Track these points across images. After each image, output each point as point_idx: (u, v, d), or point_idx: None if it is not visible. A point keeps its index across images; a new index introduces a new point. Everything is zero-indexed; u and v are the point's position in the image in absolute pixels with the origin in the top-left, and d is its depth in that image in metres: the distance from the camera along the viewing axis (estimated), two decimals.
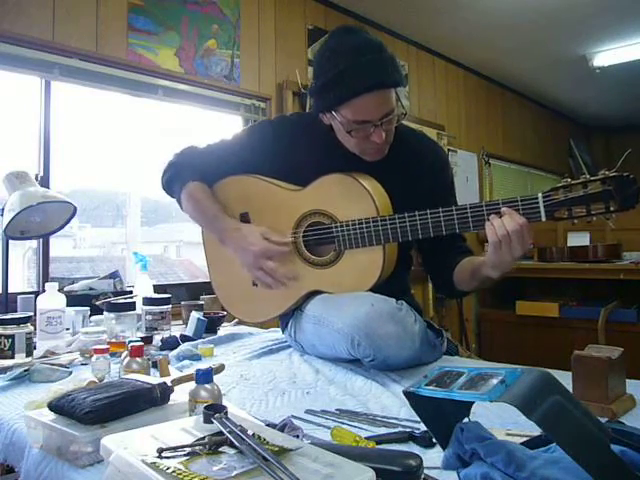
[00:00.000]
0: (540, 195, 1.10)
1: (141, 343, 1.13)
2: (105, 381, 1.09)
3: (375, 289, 1.32)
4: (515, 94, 5.27)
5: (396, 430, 0.89)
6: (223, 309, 1.72)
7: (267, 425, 0.83)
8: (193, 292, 2.50)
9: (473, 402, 0.71)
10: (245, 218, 1.49)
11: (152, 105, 2.61)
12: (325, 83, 1.25)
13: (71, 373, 1.29)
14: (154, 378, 0.96)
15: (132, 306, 1.67)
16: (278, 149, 1.44)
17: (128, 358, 1.09)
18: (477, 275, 1.28)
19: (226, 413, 0.69)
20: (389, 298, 1.25)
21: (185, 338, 1.65)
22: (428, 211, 1.23)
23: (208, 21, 2.70)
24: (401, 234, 1.27)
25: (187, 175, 1.47)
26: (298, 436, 0.80)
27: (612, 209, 1.04)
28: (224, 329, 1.90)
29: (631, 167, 0.99)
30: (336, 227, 1.35)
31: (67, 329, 1.69)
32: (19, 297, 1.88)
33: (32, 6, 2.11)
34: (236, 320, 1.98)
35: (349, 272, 1.35)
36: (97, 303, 1.85)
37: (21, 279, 2.33)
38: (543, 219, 1.10)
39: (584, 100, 5.61)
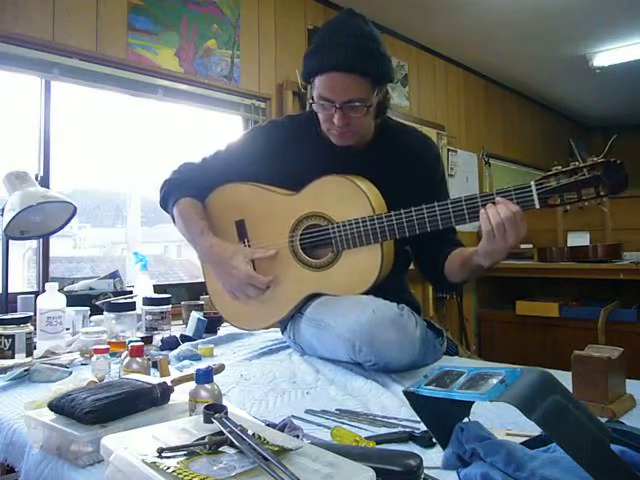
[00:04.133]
0: (533, 183, 1.13)
1: (141, 343, 1.13)
2: (105, 381, 1.09)
3: (374, 288, 1.31)
4: (515, 94, 5.27)
5: (396, 430, 0.89)
6: None
7: (267, 425, 0.83)
8: (193, 292, 2.50)
9: (473, 402, 0.71)
10: (241, 225, 1.48)
11: (152, 105, 2.61)
12: (307, 53, 1.31)
13: (71, 373, 1.29)
14: (154, 378, 0.97)
15: (132, 306, 1.67)
16: (271, 154, 1.44)
17: (128, 358, 1.09)
18: (467, 265, 1.29)
19: (226, 413, 0.69)
20: (390, 303, 1.25)
21: (185, 338, 1.65)
22: (424, 206, 1.24)
23: (208, 21, 2.70)
24: (398, 230, 1.27)
25: (179, 192, 1.47)
26: (298, 436, 0.80)
27: (602, 194, 1.08)
28: (224, 329, 1.90)
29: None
30: (332, 228, 1.34)
31: (67, 329, 1.69)
32: (19, 297, 1.88)
33: (32, 6, 2.11)
34: None
35: (348, 273, 1.35)
36: (97, 303, 1.85)
37: (21, 279, 2.33)
38: (537, 206, 1.13)
39: (584, 100, 5.61)
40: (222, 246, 1.40)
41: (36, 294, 1.80)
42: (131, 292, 2.08)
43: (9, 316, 1.44)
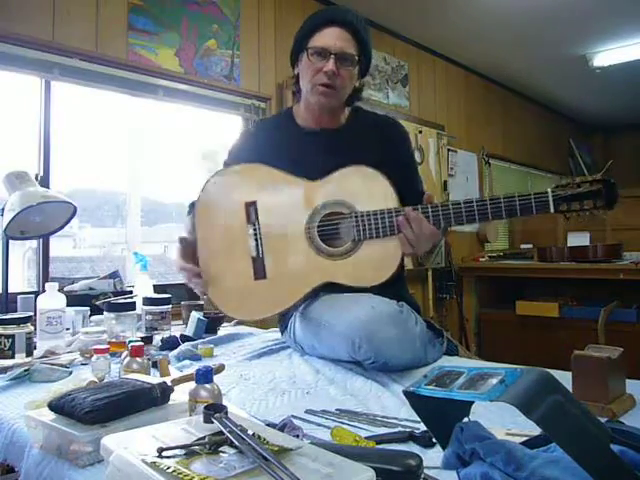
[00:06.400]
0: (549, 190, 1.26)
1: (141, 343, 1.13)
2: (105, 381, 1.09)
3: (375, 290, 1.31)
4: (515, 94, 5.27)
5: (396, 430, 0.89)
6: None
7: (267, 425, 0.83)
8: (193, 292, 2.48)
9: (473, 402, 0.71)
10: (252, 207, 1.40)
11: (152, 105, 2.61)
12: (300, 28, 1.51)
13: (71, 373, 1.29)
14: (154, 378, 0.97)
15: (132, 306, 1.67)
16: (260, 153, 1.48)
17: (128, 358, 1.09)
18: None
19: (226, 413, 0.69)
20: (390, 300, 1.25)
21: (185, 338, 1.65)
22: (449, 202, 1.28)
23: (208, 21, 2.70)
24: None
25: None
26: (298, 436, 0.80)
27: (599, 205, 1.25)
28: (224, 329, 1.90)
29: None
30: (356, 216, 1.33)
31: (67, 329, 1.69)
32: (19, 297, 1.88)
33: (32, 6, 2.11)
34: (236, 320, 1.97)
35: (366, 263, 1.33)
36: (97, 303, 1.85)
37: (21, 279, 2.33)
38: (552, 211, 1.27)
39: (584, 100, 5.61)
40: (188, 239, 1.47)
41: (36, 294, 1.80)
42: (131, 292, 2.08)
43: (9, 316, 1.44)
